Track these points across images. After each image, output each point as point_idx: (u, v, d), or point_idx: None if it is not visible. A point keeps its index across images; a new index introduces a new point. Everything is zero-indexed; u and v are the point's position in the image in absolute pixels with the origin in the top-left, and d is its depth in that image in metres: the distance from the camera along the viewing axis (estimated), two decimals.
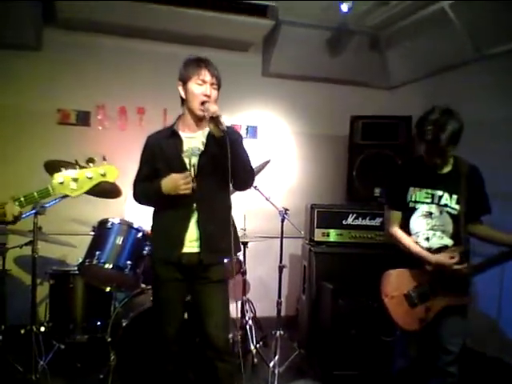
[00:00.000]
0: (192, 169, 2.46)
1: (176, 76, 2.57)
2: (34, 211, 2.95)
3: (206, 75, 2.47)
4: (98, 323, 3.55)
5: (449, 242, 2.67)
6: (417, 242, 2.71)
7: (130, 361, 3.02)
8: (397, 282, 2.75)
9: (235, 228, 2.75)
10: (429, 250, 2.67)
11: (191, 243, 2.49)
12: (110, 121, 4.62)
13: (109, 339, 3.24)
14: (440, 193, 2.68)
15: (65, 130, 4.47)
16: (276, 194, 4.38)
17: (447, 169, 2.70)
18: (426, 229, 2.70)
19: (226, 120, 2.38)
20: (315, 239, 4.24)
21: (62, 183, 1.97)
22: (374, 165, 4.72)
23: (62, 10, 4.13)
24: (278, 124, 5.25)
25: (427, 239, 2.70)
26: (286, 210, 3.87)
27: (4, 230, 3.39)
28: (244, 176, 2.52)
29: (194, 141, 2.53)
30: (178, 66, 2.56)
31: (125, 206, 3.91)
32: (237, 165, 2.39)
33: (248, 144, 4.94)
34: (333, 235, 4.24)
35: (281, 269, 3.90)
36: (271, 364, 3.60)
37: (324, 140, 5.29)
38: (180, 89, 2.54)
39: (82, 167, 2.02)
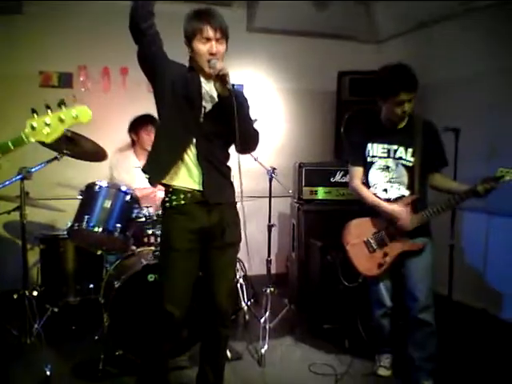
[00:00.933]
0: (203, 110, 2.38)
1: (159, 33, 2.47)
2: (20, 176, 2.92)
3: (208, 31, 2.33)
4: (91, 286, 3.59)
5: (405, 192, 2.90)
6: (375, 194, 2.95)
7: (123, 322, 3.07)
8: (357, 231, 3.01)
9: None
10: (387, 200, 2.91)
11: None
12: (92, 82, 4.53)
13: (102, 301, 3.28)
14: (395, 147, 2.89)
15: (47, 93, 4.36)
16: (263, 154, 4.32)
17: (402, 124, 2.91)
18: (383, 181, 2.95)
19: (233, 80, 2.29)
20: (303, 197, 4.26)
21: (34, 129, 1.94)
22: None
23: None
24: (264, 81, 5.18)
25: (385, 191, 2.94)
26: (274, 169, 3.87)
27: None
28: (248, 140, 2.42)
29: (208, 86, 2.41)
30: (160, 22, 2.45)
31: (112, 168, 3.89)
32: (241, 127, 2.29)
33: None
34: (321, 193, 4.27)
35: (270, 228, 3.93)
36: (262, 320, 3.68)
37: (311, 96, 5.24)
38: (186, 47, 2.42)
39: (53, 111, 1.98)
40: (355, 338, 3.44)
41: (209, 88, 2.40)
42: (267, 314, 3.74)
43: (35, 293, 3.11)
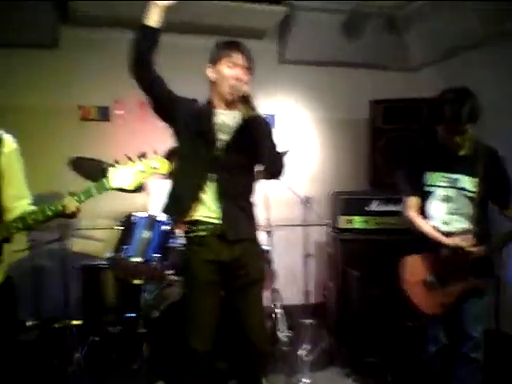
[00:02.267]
0: (219, 143, 2.38)
1: (191, 66, 2.52)
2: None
3: (238, 58, 2.36)
4: (130, 315, 3.60)
5: (468, 225, 2.65)
6: (435, 227, 2.70)
7: (162, 352, 3.07)
8: (414, 268, 2.76)
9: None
10: (448, 234, 2.65)
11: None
12: (129, 115, 4.65)
13: (141, 331, 3.30)
14: (457, 176, 2.66)
15: (87, 126, 4.51)
16: (297, 183, 4.37)
17: (465, 151, 2.66)
18: (444, 213, 2.70)
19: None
20: (339, 226, 4.24)
21: (116, 178, 2.01)
22: (396, 149, 4.67)
23: (75, 7, 4.15)
24: (296, 111, 5.22)
25: (446, 223, 2.70)
26: (309, 198, 3.86)
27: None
28: (274, 163, 2.38)
29: (226, 117, 2.42)
30: (193, 56, 2.51)
31: (149, 198, 3.94)
32: (265, 153, 2.29)
33: None
34: (357, 222, 4.23)
35: (306, 257, 3.90)
36: (300, 352, 3.62)
37: (343, 125, 5.25)
38: (209, 71, 2.42)
39: (135, 161, 2.06)
40: (398, 372, 3.34)
41: (225, 119, 2.40)
42: (305, 345, 3.68)
43: (76, 322, 3.14)
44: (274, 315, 4.05)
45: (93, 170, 2.93)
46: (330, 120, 5.25)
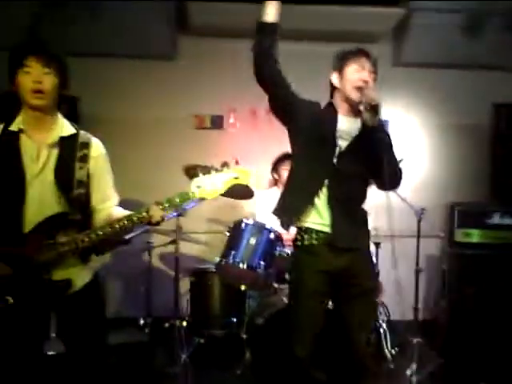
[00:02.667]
0: (337, 149, 2.35)
1: (304, 73, 2.49)
2: (176, 214, 3.15)
3: (364, 62, 2.34)
4: (234, 320, 3.67)
5: None
6: None
7: (265, 359, 3.08)
8: None
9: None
10: None
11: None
12: (241, 123, 4.76)
13: (244, 336, 3.34)
14: None
15: (200, 134, 4.70)
16: (411, 191, 4.16)
17: None
18: None
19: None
20: (455, 240, 3.99)
21: (199, 187, 2.06)
22: None
23: (194, 18, 4.33)
24: (410, 116, 4.99)
25: None
26: (423, 209, 3.65)
27: (150, 229, 3.65)
28: (393, 175, 2.34)
29: (347, 123, 2.38)
30: (306, 63, 2.48)
31: (256, 206, 4.00)
32: (386, 164, 2.23)
33: None
34: (476, 236, 3.95)
35: (417, 272, 3.70)
36: (408, 372, 3.44)
37: (462, 131, 4.91)
38: (334, 77, 2.39)
39: (217, 171, 2.09)
40: None
41: (346, 125, 2.36)
42: (414, 365, 3.49)
43: (184, 323, 3.27)
44: (379, 330, 3.91)
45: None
46: (446, 125, 4.95)
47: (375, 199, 3.85)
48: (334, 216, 2.33)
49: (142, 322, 3.73)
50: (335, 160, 2.33)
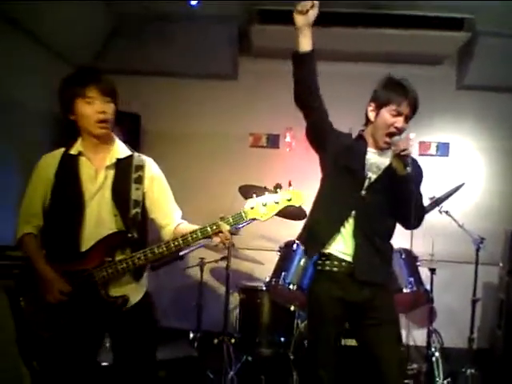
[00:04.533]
0: (367, 181, 2.35)
1: (365, 96, 2.48)
2: None
3: (405, 107, 2.28)
4: (282, 339, 3.68)
5: None
6: None
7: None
8: None
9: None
10: None
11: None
12: (297, 142, 4.80)
13: (291, 357, 3.34)
14: None
15: (256, 153, 4.79)
16: (469, 217, 4.05)
17: None
18: None
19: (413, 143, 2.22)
20: None
21: (252, 208, 2.10)
22: None
23: (255, 39, 4.46)
24: (471, 140, 4.86)
25: None
26: (483, 238, 3.54)
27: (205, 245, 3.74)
28: (416, 217, 2.29)
29: (376, 157, 2.39)
30: (369, 84, 2.47)
31: None
32: (408, 203, 2.22)
33: (438, 162, 4.75)
34: None
35: (474, 303, 3.58)
36: None
37: None
38: (370, 109, 2.38)
39: (270, 192, 2.14)
40: None
41: (376, 158, 2.36)
42: None
43: (233, 340, 3.31)
44: (431, 358, 3.80)
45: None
46: (509, 150, 4.78)
47: (433, 224, 3.81)
48: (358, 247, 2.32)
49: (191, 335, 3.81)
50: (364, 192, 2.34)
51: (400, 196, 2.24)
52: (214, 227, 2.06)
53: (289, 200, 2.11)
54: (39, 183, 2.16)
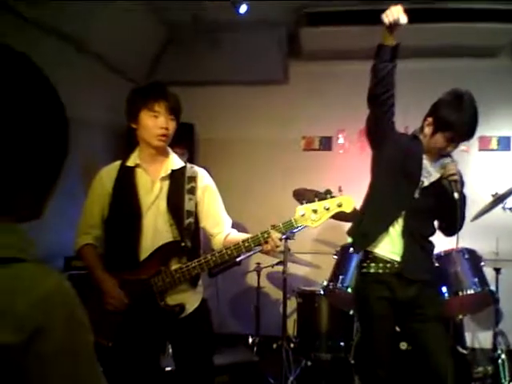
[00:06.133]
0: (421, 184, 2.40)
1: (424, 89, 2.47)
2: (284, 236, 3.22)
3: (463, 135, 2.32)
4: (341, 343, 3.65)
5: None
6: None
7: None
8: None
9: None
10: None
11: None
12: (350, 144, 4.75)
13: (352, 361, 3.31)
14: None
15: (309, 156, 4.77)
16: None
17: None
18: None
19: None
20: None
21: (303, 215, 2.11)
22: None
23: (304, 42, 4.44)
24: None
25: None
26: None
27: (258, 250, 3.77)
28: (460, 226, 2.38)
29: (429, 162, 2.45)
30: (426, 78, 2.43)
31: None
32: (451, 215, 2.30)
33: (500, 157, 4.56)
34: None
35: None
36: None
37: None
38: (426, 123, 2.40)
39: (320, 199, 2.13)
40: None
41: (429, 164, 2.41)
42: None
43: (292, 345, 3.31)
44: (497, 360, 3.66)
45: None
46: None
47: (497, 222, 3.66)
48: (406, 247, 2.39)
49: (251, 340, 3.84)
50: (417, 195, 2.39)
51: (447, 205, 2.31)
52: (266, 235, 2.08)
53: (339, 206, 2.12)
54: (98, 195, 2.24)
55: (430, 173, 2.40)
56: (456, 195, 2.25)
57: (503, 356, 3.68)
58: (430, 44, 4.32)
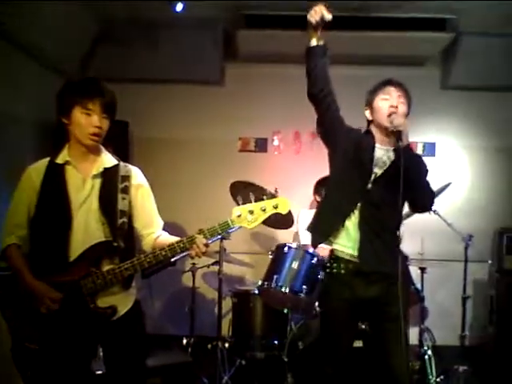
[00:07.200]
0: (373, 176, 2.42)
1: (355, 98, 2.56)
2: (219, 237, 3.22)
3: (392, 91, 2.40)
4: (276, 342, 3.69)
5: None
6: None
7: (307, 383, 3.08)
8: None
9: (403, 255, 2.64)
10: None
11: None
12: (285, 145, 4.82)
13: (285, 359, 3.34)
14: None
15: (245, 157, 4.80)
16: (458, 216, 4.09)
17: None
18: None
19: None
20: (505, 267, 3.88)
21: (239, 216, 2.11)
22: None
23: (241, 44, 4.47)
24: (458, 139, 4.91)
25: None
26: (471, 236, 3.59)
27: None
28: (423, 199, 2.46)
29: (382, 152, 2.45)
30: (354, 87, 2.53)
31: (299, 225, 4.01)
32: (417, 186, 2.34)
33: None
34: None
35: (464, 300, 3.63)
36: None
37: (510, 155, 4.80)
38: (367, 113, 2.49)
39: (256, 200, 2.14)
40: None
41: (382, 153, 2.43)
42: None
43: (227, 345, 3.31)
44: (424, 356, 3.83)
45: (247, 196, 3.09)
46: (495, 149, 4.83)
47: (422, 224, 3.84)
48: (362, 239, 2.38)
49: (185, 341, 3.80)
50: (370, 185, 2.40)
51: (412, 177, 2.31)
52: (191, 241, 2.07)
53: (275, 207, 2.13)
54: (24, 193, 2.14)
55: (386, 162, 2.41)
56: (403, 143, 2.25)
57: (429, 352, 3.85)
58: (359, 52, 4.46)
